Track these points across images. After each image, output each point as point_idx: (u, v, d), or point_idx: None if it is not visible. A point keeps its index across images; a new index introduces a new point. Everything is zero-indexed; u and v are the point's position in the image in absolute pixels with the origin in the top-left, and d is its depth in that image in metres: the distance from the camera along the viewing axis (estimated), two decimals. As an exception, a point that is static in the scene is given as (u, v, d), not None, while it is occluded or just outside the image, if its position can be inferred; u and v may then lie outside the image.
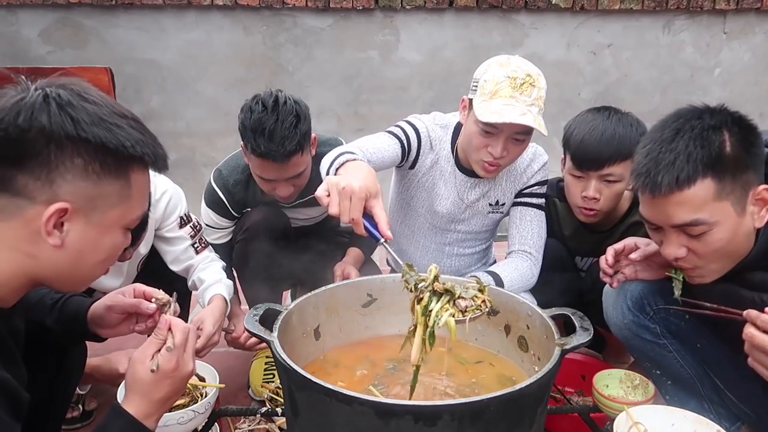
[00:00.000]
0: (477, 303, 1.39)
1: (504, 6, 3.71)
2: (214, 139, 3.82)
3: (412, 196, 2.19)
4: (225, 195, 2.18)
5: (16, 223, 1.04)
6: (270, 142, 1.92)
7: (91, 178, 1.06)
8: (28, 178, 1.02)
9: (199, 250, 2.12)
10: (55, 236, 1.06)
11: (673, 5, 3.77)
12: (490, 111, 1.82)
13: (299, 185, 2.10)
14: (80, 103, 1.05)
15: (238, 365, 2.38)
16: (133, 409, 1.18)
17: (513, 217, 2.16)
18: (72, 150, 1.04)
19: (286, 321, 1.50)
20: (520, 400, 1.24)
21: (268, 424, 1.97)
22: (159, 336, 1.23)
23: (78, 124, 1.03)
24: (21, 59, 3.59)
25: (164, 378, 1.20)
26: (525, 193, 2.15)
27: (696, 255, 1.43)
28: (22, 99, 1.02)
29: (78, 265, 1.11)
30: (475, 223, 2.20)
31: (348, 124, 3.86)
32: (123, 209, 1.12)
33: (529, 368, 1.57)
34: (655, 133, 1.43)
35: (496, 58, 1.91)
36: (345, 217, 1.44)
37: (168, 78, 3.77)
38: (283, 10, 3.69)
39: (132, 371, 1.21)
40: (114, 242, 1.15)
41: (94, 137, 1.04)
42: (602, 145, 1.96)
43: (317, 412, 1.28)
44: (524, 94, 1.82)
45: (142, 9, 3.65)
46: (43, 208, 1.03)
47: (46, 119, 1.02)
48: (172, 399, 1.24)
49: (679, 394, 1.78)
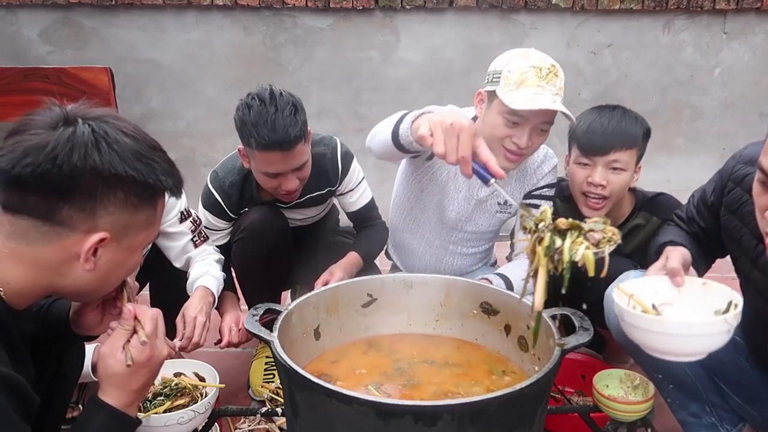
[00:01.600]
0: (608, 235, 1.27)
1: (504, 6, 3.71)
2: (213, 139, 3.82)
3: (423, 188, 2.17)
4: (221, 197, 2.19)
5: (54, 248, 1.09)
6: (274, 132, 1.92)
7: (129, 209, 1.13)
8: (74, 210, 1.08)
9: (197, 243, 2.12)
10: (91, 262, 1.11)
11: (673, 5, 3.77)
12: (523, 99, 1.81)
13: (303, 178, 2.10)
14: (123, 139, 1.11)
15: (238, 365, 2.38)
16: (112, 401, 1.19)
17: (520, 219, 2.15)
18: (116, 185, 1.10)
19: (286, 321, 1.51)
20: (520, 400, 1.24)
21: (268, 424, 1.97)
22: (125, 326, 1.21)
23: (124, 162, 1.09)
24: (21, 59, 3.58)
25: (139, 369, 1.20)
26: (534, 195, 2.15)
27: None
28: (74, 133, 1.06)
29: (102, 283, 1.19)
30: (482, 223, 2.20)
31: (348, 124, 3.86)
32: (148, 233, 1.20)
33: (529, 368, 1.57)
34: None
35: (516, 51, 1.92)
36: (452, 156, 1.34)
37: (168, 78, 3.76)
38: (283, 10, 3.69)
39: (104, 366, 1.20)
40: (135, 262, 1.22)
41: (137, 174, 1.11)
42: (608, 131, 2.01)
43: (317, 412, 1.28)
44: (550, 83, 1.85)
45: (142, 9, 3.65)
46: (83, 236, 1.09)
47: (98, 158, 1.07)
48: (149, 384, 1.25)
49: (680, 397, 1.78)
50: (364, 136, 1.95)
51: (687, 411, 1.78)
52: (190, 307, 1.96)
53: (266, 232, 2.15)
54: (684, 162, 4.01)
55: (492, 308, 1.68)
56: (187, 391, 1.78)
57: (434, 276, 1.79)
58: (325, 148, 2.24)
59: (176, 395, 1.76)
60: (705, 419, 1.77)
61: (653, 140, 2.13)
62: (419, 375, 1.59)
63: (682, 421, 1.81)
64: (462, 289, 1.74)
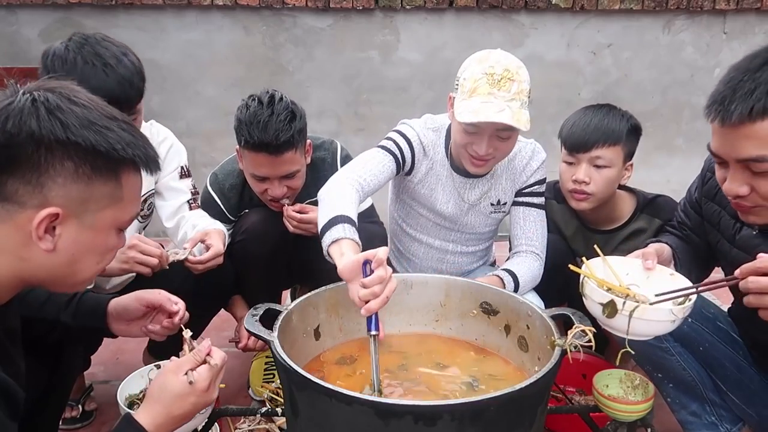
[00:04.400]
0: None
1: (504, 6, 3.71)
2: (214, 139, 3.82)
3: (413, 198, 2.19)
4: (220, 198, 2.20)
5: (8, 228, 1.04)
6: (264, 134, 1.94)
7: (81, 180, 1.06)
8: (19, 183, 1.02)
9: (193, 206, 2.12)
10: (47, 240, 1.05)
11: (673, 5, 3.77)
12: (468, 110, 1.80)
13: (293, 188, 2.10)
14: (69, 106, 1.05)
15: (238, 365, 2.38)
16: (149, 420, 1.16)
17: (515, 217, 2.15)
18: (62, 154, 1.04)
19: (286, 321, 1.51)
20: (520, 400, 1.24)
21: (268, 424, 1.98)
22: (197, 356, 1.24)
23: (67, 127, 1.03)
24: (21, 59, 3.58)
25: (192, 394, 1.20)
26: (525, 193, 2.15)
27: (758, 194, 1.35)
28: (11, 104, 1.02)
29: (71, 268, 1.11)
30: (478, 224, 2.20)
31: (348, 124, 3.85)
32: (115, 211, 1.12)
33: (529, 368, 1.57)
34: (744, 61, 1.34)
35: (477, 54, 1.89)
36: (357, 302, 1.47)
37: (168, 78, 3.76)
38: (283, 10, 3.69)
39: (163, 379, 1.20)
40: (107, 244, 1.15)
41: (84, 140, 1.04)
42: (590, 128, 2.06)
43: (317, 412, 1.28)
44: (503, 89, 1.79)
45: (142, 9, 3.65)
46: (34, 212, 1.03)
47: (35, 124, 1.01)
48: (185, 420, 1.22)
49: (680, 397, 1.78)
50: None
51: (687, 410, 1.79)
52: (215, 236, 1.96)
53: (267, 233, 2.16)
54: (684, 162, 4.00)
55: (492, 308, 1.68)
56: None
57: (434, 276, 1.79)
58: (325, 152, 2.25)
59: (176, 395, 1.76)
60: (705, 418, 1.77)
61: (653, 140, 2.14)
62: (419, 375, 1.59)
63: (682, 420, 1.81)
64: (462, 289, 1.74)
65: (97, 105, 1.10)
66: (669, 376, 1.75)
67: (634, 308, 1.35)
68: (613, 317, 1.38)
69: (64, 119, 1.03)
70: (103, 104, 1.11)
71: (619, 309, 1.37)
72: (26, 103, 1.03)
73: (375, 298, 1.42)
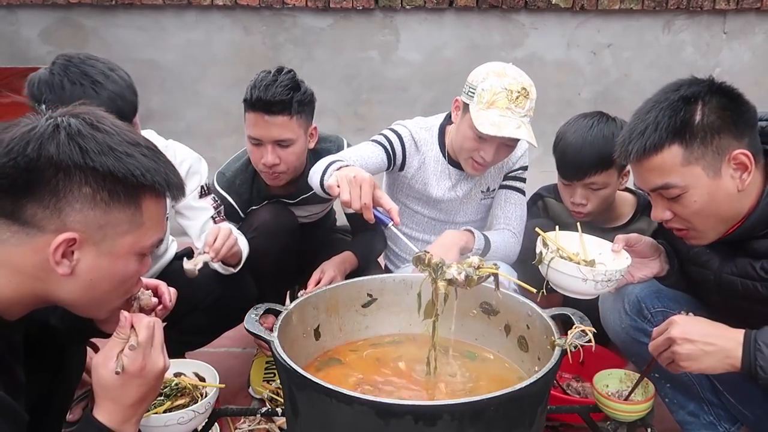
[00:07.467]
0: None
1: (504, 6, 3.71)
2: (214, 139, 3.82)
3: (407, 195, 2.26)
4: (232, 196, 2.21)
5: (27, 251, 1.05)
6: (263, 93, 2.03)
7: (99, 206, 1.06)
8: (38, 207, 1.04)
9: (217, 221, 2.10)
10: (64, 265, 1.06)
11: (673, 5, 3.77)
12: (489, 123, 1.91)
13: (286, 161, 2.10)
14: (90, 132, 1.06)
15: (238, 365, 2.38)
16: (105, 417, 1.12)
17: (497, 199, 2.26)
18: (80, 179, 1.04)
19: (286, 321, 1.51)
20: (520, 400, 1.24)
21: (268, 424, 1.98)
22: (121, 335, 1.15)
23: (86, 153, 1.04)
24: (21, 59, 3.58)
25: (132, 379, 1.13)
26: (510, 176, 2.25)
27: (681, 217, 1.50)
28: (33, 129, 1.04)
29: (91, 293, 1.11)
30: (470, 212, 2.28)
31: (348, 124, 3.86)
32: (135, 237, 1.12)
33: (529, 368, 1.57)
34: (640, 106, 1.52)
35: (492, 67, 1.99)
36: (356, 204, 1.57)
37: (168, 78, 3.77)
38: (283, 10, 3.69)
39: (96, 376, 1.14)
40: (127, 270, 1.14)
41: (101, 166, 1.05)
42: (581, 157, 2.08)
43: (317, 412, 1.28)
44: (519, 106, 1.93)
45: (142, 9, 3.65)
46: (52, 237, 1.04)
47: (55, 149, 1.03)
48: (147, 400, 1.18)
49: (677, 397, 1.78)
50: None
51: (685, 410, 1.79)
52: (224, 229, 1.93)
53: (278, 230, 2.18)
54: (684, 162, 4.01)
55: (492, 308, 1.68)
56: (187, 391, 1.77)
57: (434, 276, 1.79)
58: (330, 144, 2.29)
59: (176, 395, 1.76)
60: (703, 418, 1.77)
61: (653, 140, 2.14)
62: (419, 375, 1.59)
63: (680, 420, 1.81)
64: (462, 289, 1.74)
65: (121, 131, 1.10)
66: (666, 376, 1.75)
67: (551, 259, 1.57)
68: (539, 265, 1.61)
69: (83, 144, 1.04)
70: (128, 130, 1.12)
71: (544, 259, 1.59)
72: (48, 128, 1.04)
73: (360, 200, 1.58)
